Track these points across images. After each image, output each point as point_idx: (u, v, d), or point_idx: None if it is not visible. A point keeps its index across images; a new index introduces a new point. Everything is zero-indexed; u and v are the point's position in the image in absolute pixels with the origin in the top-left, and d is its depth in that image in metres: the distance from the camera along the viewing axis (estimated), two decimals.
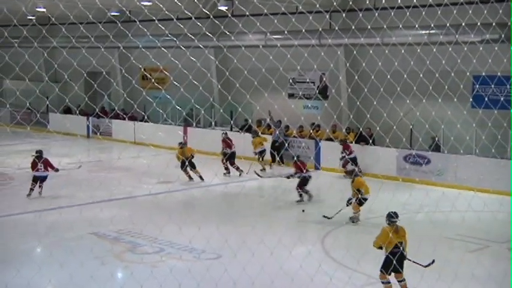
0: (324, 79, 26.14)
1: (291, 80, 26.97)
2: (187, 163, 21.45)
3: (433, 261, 11.27)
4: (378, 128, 12.04)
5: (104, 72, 30.81)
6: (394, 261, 10.80)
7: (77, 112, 33.12)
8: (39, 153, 18.87)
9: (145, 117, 29.22)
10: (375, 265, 11.85)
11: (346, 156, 22.08)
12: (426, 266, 11.30)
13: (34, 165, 18.53)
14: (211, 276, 11.52)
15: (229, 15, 22.23)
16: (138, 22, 18.64)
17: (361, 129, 21.95)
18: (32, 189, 18.53)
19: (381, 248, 11.29)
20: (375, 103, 12.32)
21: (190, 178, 21.61)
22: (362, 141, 22.80)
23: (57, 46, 31.59)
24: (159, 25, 12.21)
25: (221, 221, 15.83)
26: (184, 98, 13.02)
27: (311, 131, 24.95)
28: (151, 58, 12.45)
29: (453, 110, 17.40)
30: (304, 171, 18.14)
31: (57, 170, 18.83)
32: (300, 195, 17.98)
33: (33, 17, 29.97)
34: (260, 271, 11.40)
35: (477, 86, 21.33)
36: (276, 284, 11.11)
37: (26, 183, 19.49)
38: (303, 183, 18.05)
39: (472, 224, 14.86)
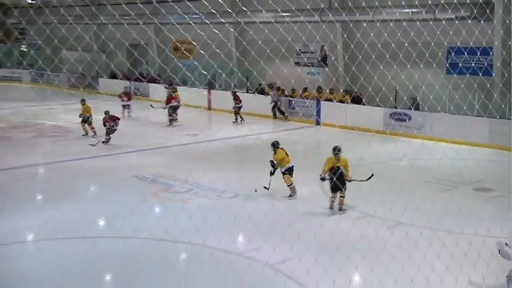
0: (325, 49, 25.85)
1: (298, 50, 26.65)
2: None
3: (372, 175, 12.15)
4: (370, 90, 11.87)
5: (143, 43, 30.68)
6: (335, 179, 11.68)
7: (121, 76, 33.06)
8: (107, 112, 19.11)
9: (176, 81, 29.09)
10: (365, 202, 11.90)
11: None
12: (367, 180, 12.14)
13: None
14: (231, 211, 11.63)
15: None
16: (170, 1, 18.42)
17: (356, 90, 21.84)
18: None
19: (323, 179, 12.08)
20: (367, 68, 12.23)
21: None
22: (355, 102, 22.75)
23: (104, 22, 31.42)
24: (188, 3, 12.01)
25: (239, 167, 15.85)
26: (208, 64, 12.93)
27: (314, 92, 24.84)
28: (181, 31, 12.27)
29: (432, 75, 17.28)
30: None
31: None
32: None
33: None
34: (271, 207, 11.44)
35: (452, 55, 21.10)
36: (285, 217, 11.15)
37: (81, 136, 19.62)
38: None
39: (446, 169, 14.83)
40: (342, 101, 23.35)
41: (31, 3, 34.57)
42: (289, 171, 13.03)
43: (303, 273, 8.65)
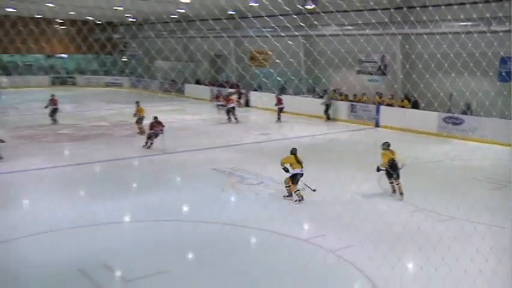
0: (386, 59, 25.14)
1: (361, 59, 26.07)
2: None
3: (403, 165, 12.01)
4: (429, 96, 11.41)
5: (225, 54, 30.96)
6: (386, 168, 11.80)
7: (205, 83, 33.52)
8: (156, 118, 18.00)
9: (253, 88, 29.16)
10: (422, 198, 11.43)
11: None
12: (400, 168, 11.92)
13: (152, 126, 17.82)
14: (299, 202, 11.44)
15: (316, 11, 21.62)
16: (250, 17, 18.44)
17: (415, 96, 21.23)
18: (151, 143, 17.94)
19: (379, 169, 11.97)
20: (427, 76, 11.76)
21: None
22: (413, 107, 22.14)
23: (193, 35, 31.88)
24: (266, 18, 11.92)
25: (306, 163, 15.59)
26: (282, 72, 12.82)
27: (375, 97, 24.29)
28: (259, 43, 12.27)
29: (485, 83, 16.51)
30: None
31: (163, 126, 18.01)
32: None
33: (176, 16, 30.43)
34: (335, 200, 11.19)
35: (507, 64, 20.01)
36: (347, 209, 10.89)
37: (172, 132, 19.93)
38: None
39: (496, 169, 14.08)
40: (402, 106, 22.72)
41: (133, 20, 35.60)
42: (294, 176, 11.82)
43: (364, 260, 8.38)
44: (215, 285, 7.85)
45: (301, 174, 11.86)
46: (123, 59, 42.11)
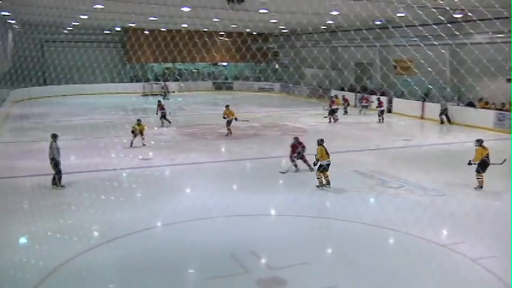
0: None
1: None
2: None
3: (505, 160, 12.44)
4: None
5: (365, 63, 30.33)
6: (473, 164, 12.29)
7: (346, 89, 33.14)
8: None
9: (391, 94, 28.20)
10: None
11: None
12: (501, 163, 12.35)
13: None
14: (435, 207, 10.92)
15: (460, 21, 20.23)
16: (390, 28, 17.89)
17: None
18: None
19: (470, 163, 12.39)
20: None
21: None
22: None
23: (336, 45, 31.74)
24: (405, 29, 11.50)
25: (443, 169, 14.72)
26: (420, 81, 12.27)
27: None
28: (398, 53, 11.85)
29: None
30: None
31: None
32: None
33: (325, 27, 30.50)
34: (472, 206, 10.42)
35: None
36: (485, 217, 10.08)
37: (315, 135, 19.98)
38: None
39: None
40: None
41: (284, 31, 36.44)
42: (321, 167, 12.70)
43: (500, 270, 7.70)
44: (355, 281, 7.75)
45: (328, 165, 12.64)
46: (275, 67, 43.32)
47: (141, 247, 8.98)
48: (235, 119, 20.66)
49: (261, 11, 21.19)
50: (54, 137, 12.80)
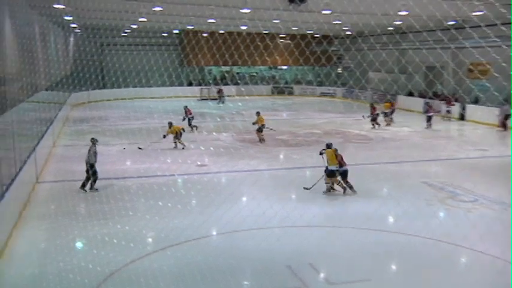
0: None
1: None
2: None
3: None
4: None
5: (438, 66, 29.53)
6: None
7: (417, 95, 32.41)
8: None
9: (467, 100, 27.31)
10: None
11: None
12: None
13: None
14: None
15: None
16: (467, 28, 17.31)
17: None
18: None
19: None
20: None
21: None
22: None
23: (406, 47, 31.14)
24: (484, 29, 11.13)
25: None
26: (501, 86, 11.81)
27: None
28: (475, 55, 11.49)
29: None
30: None
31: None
32: None
33: (392, 28, 30.02)
34: None
35: None
36: None
37: (380, 143, 19.75)
38: None
39: None
40: None
41: (348, 34, 36.17)
42: (330, 172, 12.91)
43: None
44: None
45: (338, 171, 12.81)
46: (338, 71, 43.06)
47: (197, 255, 9.23)
48: (263, 125, 21.04)
49: (324, 11, 21.17)
50: (94, 141, 13.81)
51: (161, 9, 21.79)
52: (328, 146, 13.46)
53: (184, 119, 23.60)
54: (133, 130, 22.76)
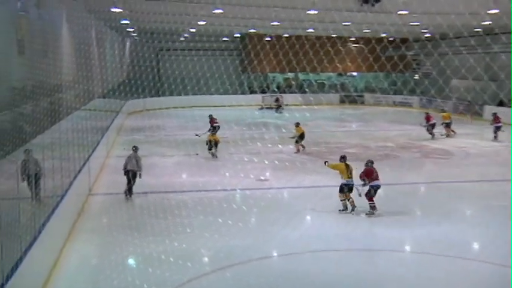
0: None
1: None
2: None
3: None
4: None
5: None
6: None
7: (508, 105, 31.26)
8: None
9: None
10: None
11: None
12: None
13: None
14: None
15: None
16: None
17: None
18: None
19: None
20: None
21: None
22: None
23: (497, 51, 30.18)
24: None
25: None
26: None
27: None
28: None
29: None
30: None
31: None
32: None
33: (479, 29, 29.24)
34: None
35: None
36: None
37: (463, 160, 19.22)
38: None
39: None
40: None
41: (429, 36, 35.54)
42: (341, 187, 13.01)
43: None
44: None
45: (348, 185, 12.86)
46: (415, 78, 42.28)
47: (257, 277, 9.40)
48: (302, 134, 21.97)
49: (400, 12, 20.89)
50: (136, 149, 15.00)
51: (222, 11, 22.31)
52: (341, 159, 13.58)
53: (210, 129, 23.22)
54: (193, 141, 22.99)
